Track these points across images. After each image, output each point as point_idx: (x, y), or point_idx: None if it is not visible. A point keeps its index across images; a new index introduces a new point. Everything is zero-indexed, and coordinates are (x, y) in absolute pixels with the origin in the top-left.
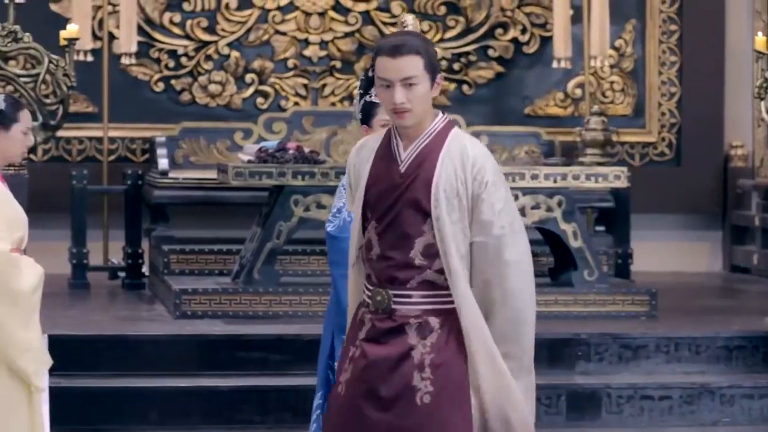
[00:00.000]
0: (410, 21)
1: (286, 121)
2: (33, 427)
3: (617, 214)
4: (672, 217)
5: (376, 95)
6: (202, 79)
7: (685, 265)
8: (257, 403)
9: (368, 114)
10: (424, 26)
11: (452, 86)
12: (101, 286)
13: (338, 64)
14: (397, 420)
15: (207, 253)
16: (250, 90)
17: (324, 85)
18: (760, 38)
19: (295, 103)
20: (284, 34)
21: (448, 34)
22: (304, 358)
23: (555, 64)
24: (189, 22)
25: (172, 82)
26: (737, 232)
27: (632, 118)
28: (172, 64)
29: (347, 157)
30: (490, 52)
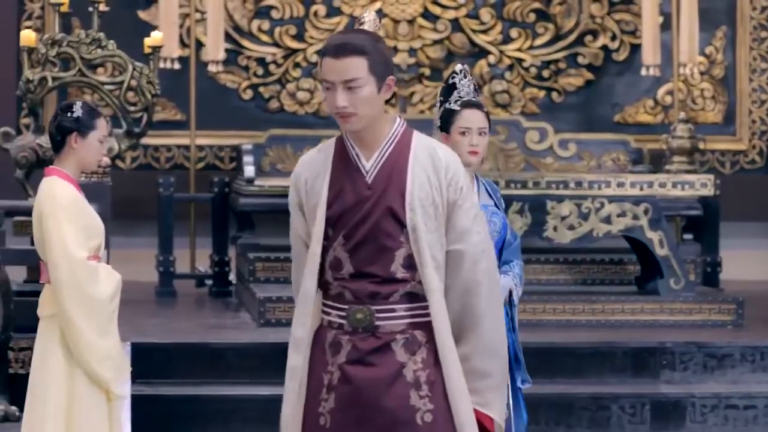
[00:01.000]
0: (368, 18)
1: None
2: None
3: (706, 222)
4: (762, 225)
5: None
6: (290, 86)
7: None
8: None
9: (447, 122)
10: (513, 33)
11: (541, 94)
12: (188, 294)
13: (427, 72)
14: None
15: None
16: None
17: (412, 93)
18: None
19: (384, 111)
20: None
21: (538, 42)
22: None
23: (644, 72)
24: (277, 30)
25: (261, 89)
26: None
27: (723, 125)
28: (260, 71)
29: None
30: (580, 59)
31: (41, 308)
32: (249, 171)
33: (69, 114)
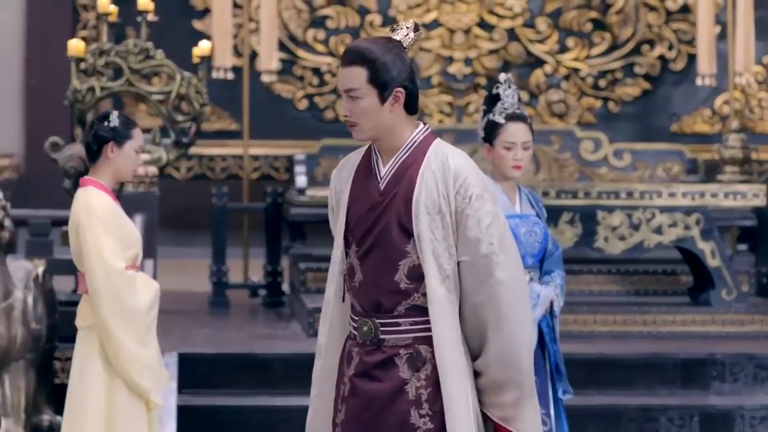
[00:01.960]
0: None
1: None
2: None
3: (762, 233)
4: None
5: None
6: None
7: None
8: None
9: (491, 134)
10: (570, 43)
11: (598, 104)
12: (242, 304)
13: (483, 81)
14: None
15: None
16: None
17: (468, 103)
18: None
19: (440, 121)
20: (428, 51)
21: (594, 51)
22: None
23: (699, 81)
24: (333, 39)
25: (316, 99)
26: None
27: None
28: (315, 81)
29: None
30: (637, 69)
31: (79, 319)
32: (301, 181)
33: (105, 123)
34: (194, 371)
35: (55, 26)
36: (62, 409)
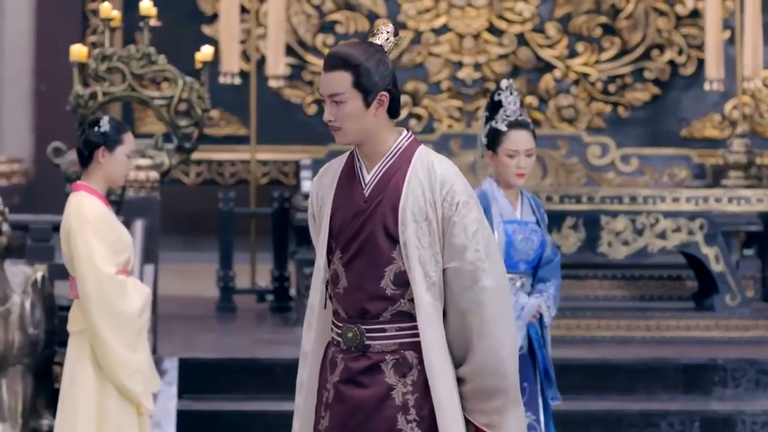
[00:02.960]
0: (383, 30)
1: (434, 143)
2: None
3: None
4: None
5: None
6: None
7: None
8: None
9: (493, 141)
10: (579, 48)
11: (608, 108)
12: (249, 309)
13: (492, 86)
14: None
15: None
16: (404, 112)
17: (477, 108)
18: None
19: (449, 126)
20: (438, 56)
21: (604, 56)
22: None
23: (707, 86)
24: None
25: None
26: None
27: None
28: None
29: None
30: (646, 74)
31: (71, 323)
32: (307, 186)
33: (96, 129)
34: (195, 376)
35: (64, 32)
36: None
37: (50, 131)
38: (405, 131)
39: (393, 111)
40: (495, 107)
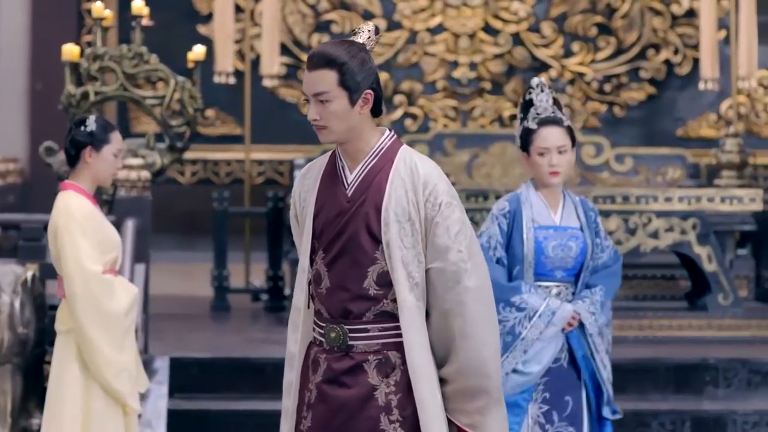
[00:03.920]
0: (364, 29)
1: (428, 143)
2: None
3: (763, 238)
4: None
5: None
6: None
7: None
8: None
9: (526, 141)
10: (575, 47)
11: (603, 108)
12: (243, 308)
13: (488, 86)
14: None
15: None
16: (399, 112)
17: (473, 107)
18: None
19: (444, 125)
20: (433, 55)
21: (600, 56)
22: None
23: (702, 86)
24: None
25: None
26: None
27: None
28: None
29: (489, 181)
30: (642, 74)
31: (58, 323)
32: None
33: (83, 128)
34: (186, 375)
35: (60, 31)
36: None
37: (45, 131)
38: (387, 131)
39: (376, 109)
40: (527, 107)
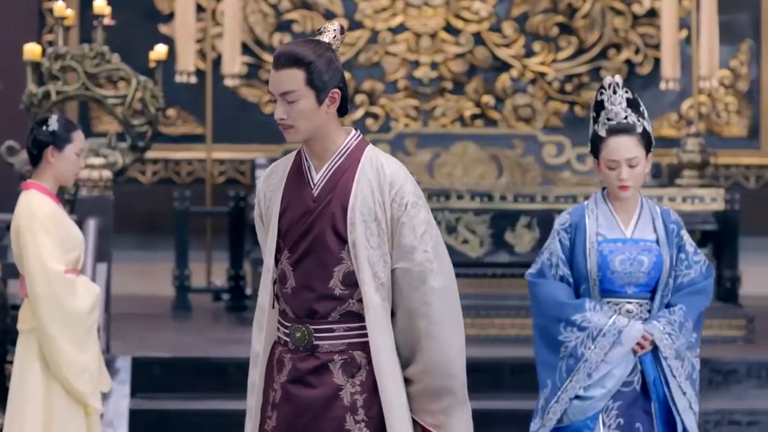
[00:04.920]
0: (329, 29)
1: (390, 142)
2: None
3: (725, 237)
4: None
5: None
6: None
7: None
8: None
9: (595, 147)
10: (536, 47)
11: (564, 108)
12: (205, 308)
13: (449, 86)
14: None
15: None
16: (360, 111)
17: (434, 107)
18: None
19: (405, 125)
20: (395, 55)
21: (561, 55)
22: None
23: (663, 85)
24: None
25: None
26: None
27: (748, 139)
28: None
29: (451, 180)
30: (603, 73)
31: (20, 322)
32: None
33: (45, 128)
34: (148, 375)
35: (21, 30)
36: None
37: (7, 130)
38: (353, 130)
39: (342, 108)
40: (598, 108)
